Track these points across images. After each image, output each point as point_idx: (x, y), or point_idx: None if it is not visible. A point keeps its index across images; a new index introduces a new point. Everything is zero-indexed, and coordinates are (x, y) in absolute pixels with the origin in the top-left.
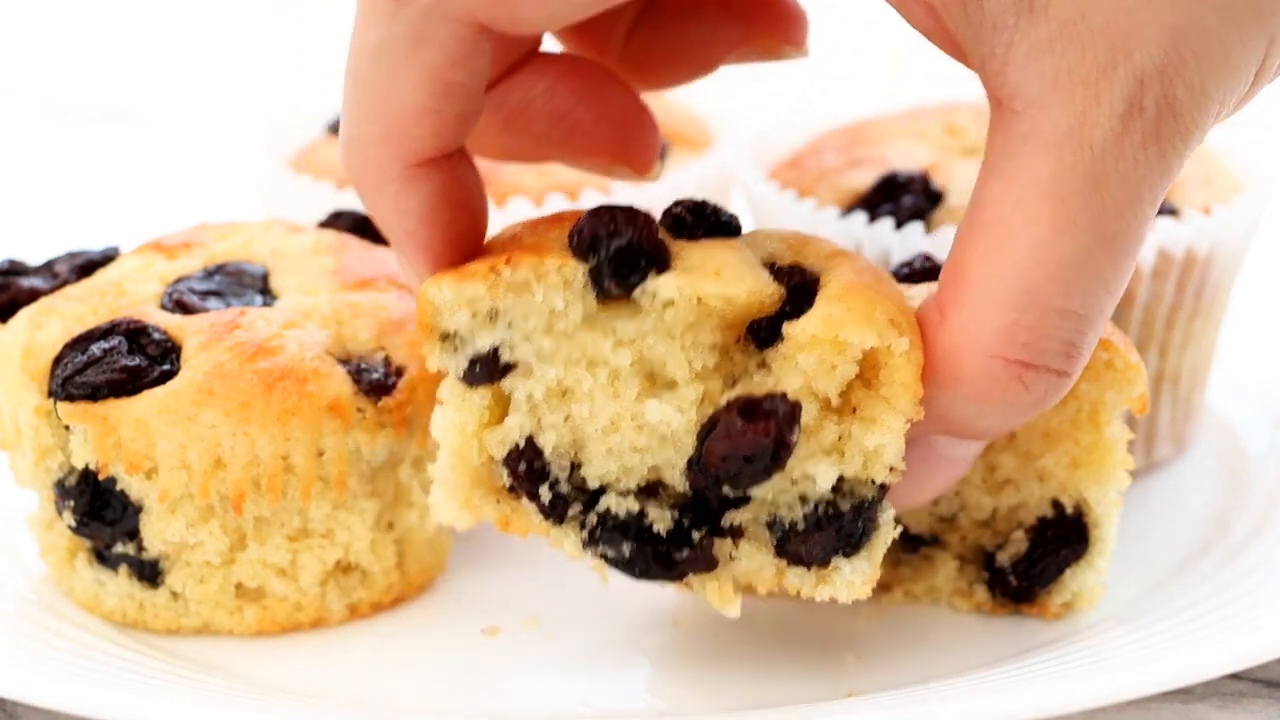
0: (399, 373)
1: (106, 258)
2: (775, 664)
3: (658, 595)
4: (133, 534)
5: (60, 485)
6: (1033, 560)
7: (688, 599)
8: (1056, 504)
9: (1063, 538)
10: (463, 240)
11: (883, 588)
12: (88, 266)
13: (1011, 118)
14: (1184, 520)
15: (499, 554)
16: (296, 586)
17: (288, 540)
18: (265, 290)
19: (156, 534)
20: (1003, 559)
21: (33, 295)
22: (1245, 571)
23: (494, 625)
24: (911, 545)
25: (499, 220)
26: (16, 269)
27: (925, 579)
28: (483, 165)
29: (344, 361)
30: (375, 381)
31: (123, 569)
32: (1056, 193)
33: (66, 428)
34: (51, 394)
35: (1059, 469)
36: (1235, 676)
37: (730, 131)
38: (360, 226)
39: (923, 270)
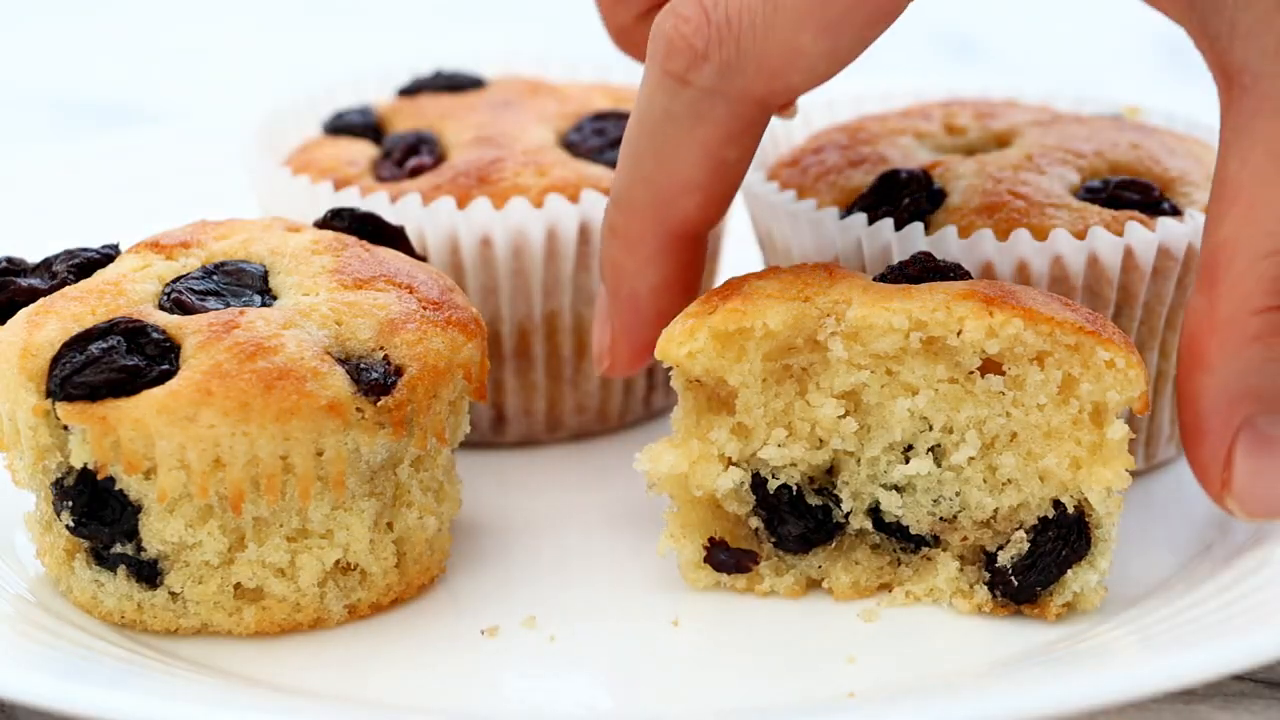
0: (398, 372)
1: (105, 256)
2: (775, 664)
3: (658, 595)
4: (131, 534)
5: (58, 485)
6: (1034, 560)
7: (688, 599)
8: (1058, 504)
9: (1064, 538)
10: (671, 314)
11: (883, 588)
12: (86, 265)
13: (1240, 94)
14: (1185, 520)
15: (498, 554)
16: (295, 587)
17: (287, 540)
18: (264, 290)
19: (155, 534)
20: (1004, 559)
21: (31, 294)
22: (1246, 572)
23: (494, 625)
24: (912, 546)
25: (497, 222)
26: (14, 268)
27: (926, 579)
28: (481, 165)
29: (343, 361)
30: (374, 381)
31: (121, 569)
32: None
33: (65, 428)
34: (50, 394)
35: (1060, 469)
36: (1237, 677)
37: None
38: (359, 225)
39: (920, 270)
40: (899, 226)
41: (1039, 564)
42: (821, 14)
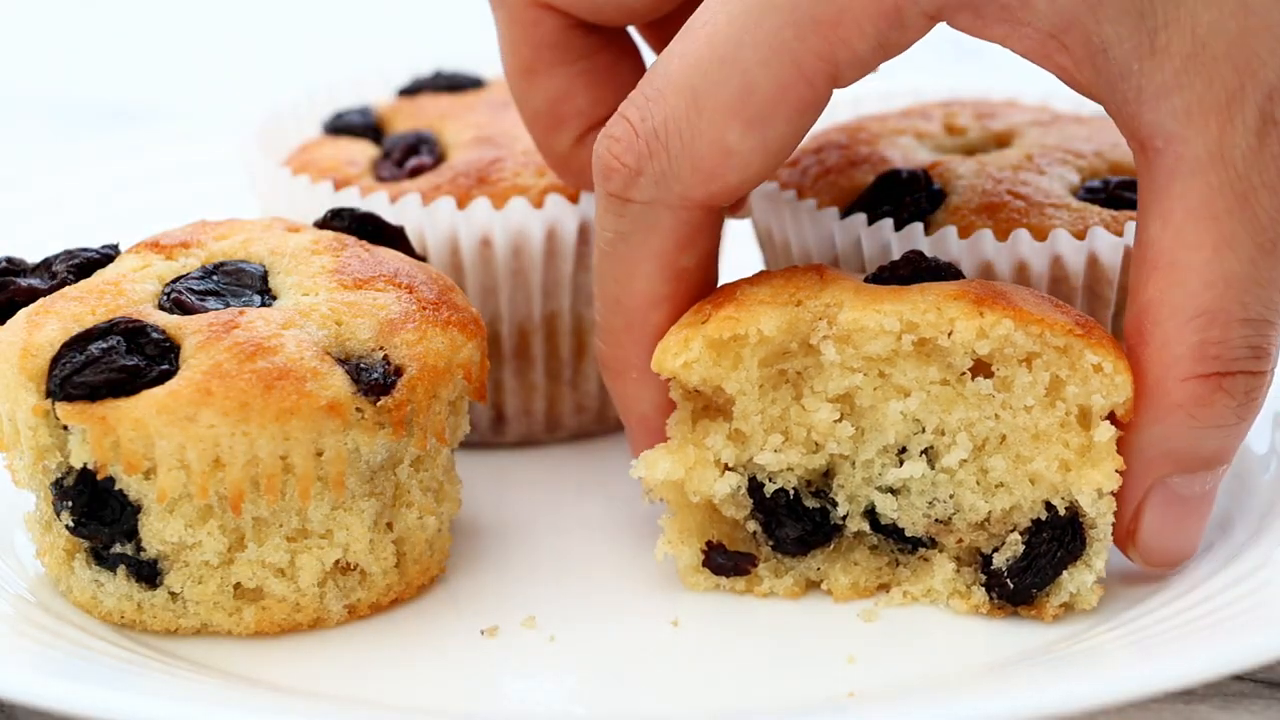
0: (398, 372)
1: (105, 256)
2: (775, 664)
3: (658, 595)
4: (131, 534)
5: (58, 485)
6: (1029, 562)
7: (688, 599)
8: (1050, 506)
9: (1058, 539)
10: None
11: (881, 588)
12: (86, 265)
13: (1155, 157)
14: None
15: (498, 554)
16: (295, 587)
17: (286, 540)
18: (264, 290)
19: (155, 534)
20: (999, 561)
21: (30, 294)
22: (1247, 571)
23: (493, 625)
24: (909, 547)
25: (497, 222)
26: (14, 268)
27: (923, 580)
28: (481, 165)
29: (343, 361)
30: (374, 381)
31: (121, 569)
32: (1209, 215)
33: (64, 428)
34: (49, 394)
35: (1049, 472)
36: (1237, 677)
37: None
38: (359, 225)
39: (911, 270)
40: (899, 226)
41: (1034, 566)
42: (744, 111)
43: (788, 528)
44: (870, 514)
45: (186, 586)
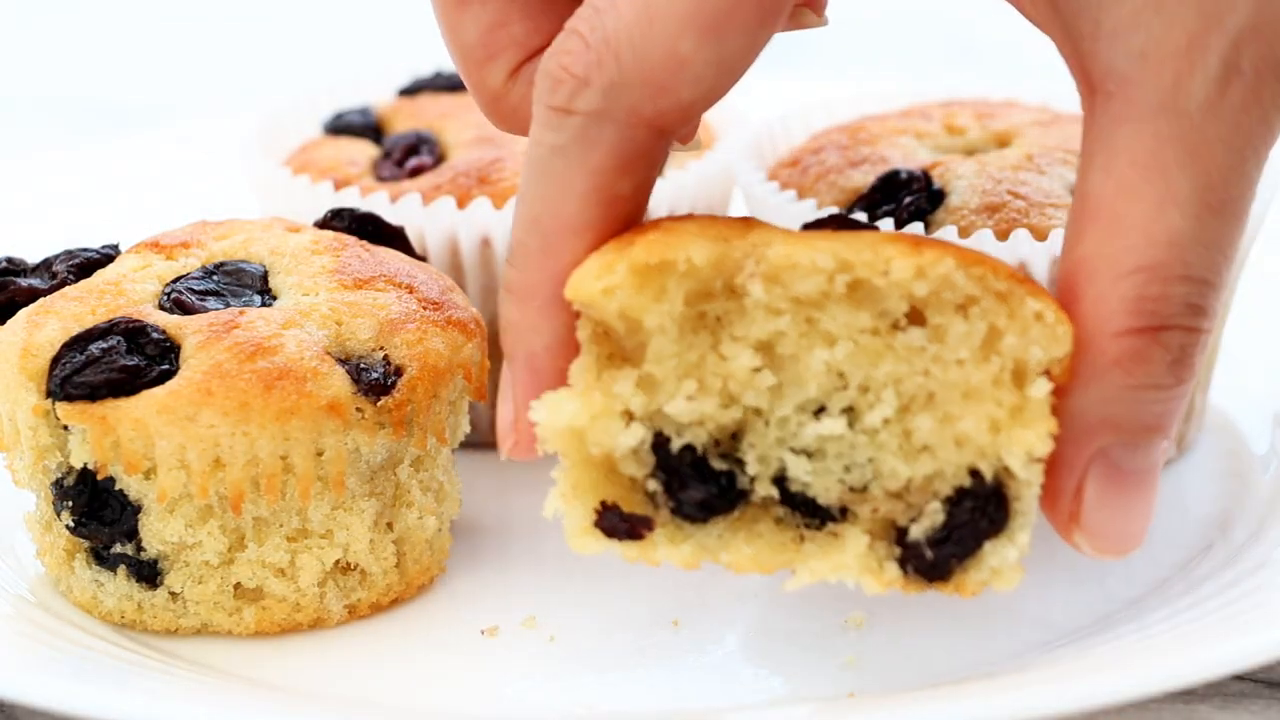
0: (398, 372)
1: (105, 256)
2: (775, 664)
3: (658, 596)
4: (131, 534)
5: (58, 485)
6: (949, 533)
7: (688, 599)
8: (975, 474)
9: (981, 509)
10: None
11: (784, 565)
12: (86, 266)
13: (1105, 100)
14: (1185, 520)
15: (498, 554)
16: (295, 587)
17: (287, 540)
18: (264, 290)
19: (155, 534)
20: (916, 533)
21: (31, 294)
22: (1247, 571)
23: (493, 625)
24: (818, 521)
25: (498, 222)
26: (14, 268)
27: (832, 556)
28: (482, 163)
29: (343, 361)
30: (374, 381)
31: (121, 569)
32: (1157, 167)
33: (65, 428)
34: (50, 394)
35: (978, 432)
36: (1237, 677)
37: (730, 131)
38: (359, 226)
39: (838, 227)
40: (899, 226)
41: (954, 536)
42: (698, 18)
43: (691, 490)
44: (780, 482)
45: (187, 586)
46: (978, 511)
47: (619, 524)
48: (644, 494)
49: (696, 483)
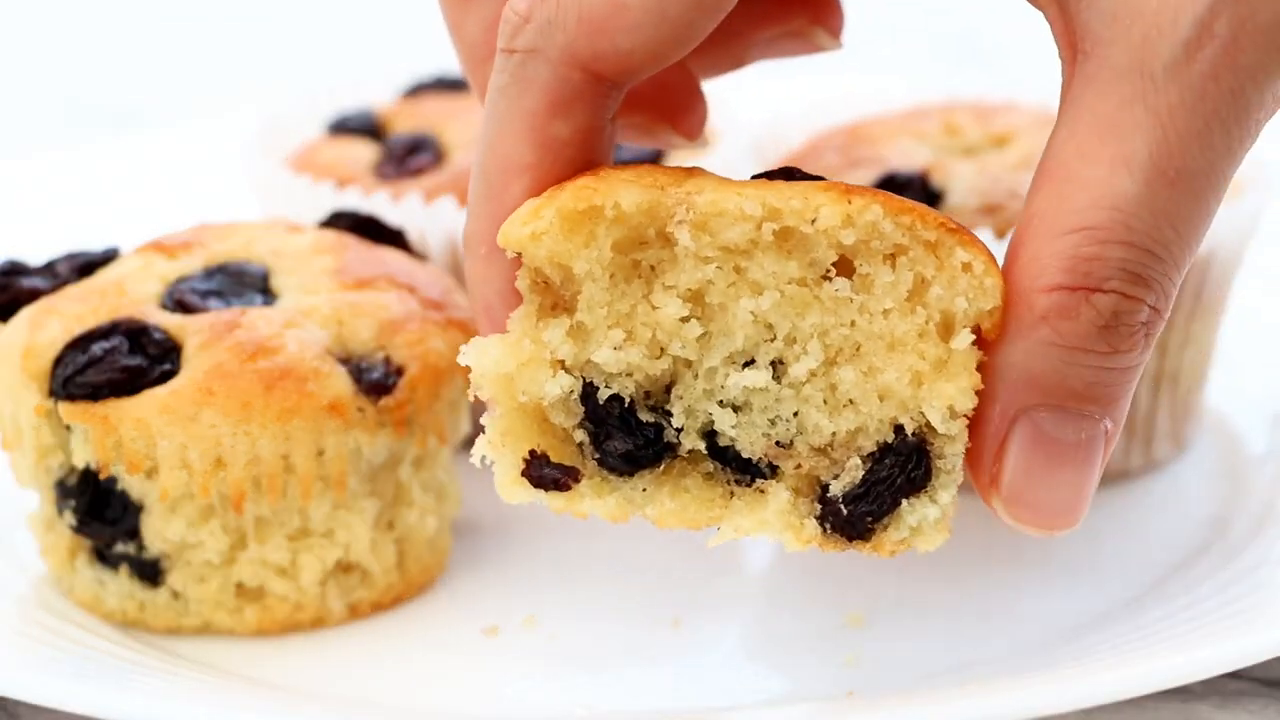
0: (399, 372)
1: (107, 258)
2: (775, 664)
3: (658, 595)
4: (133, 534)
5: (61, 485)
6: (866, 489)
7: (688, 599)
8: (899, 430)
9: (900, 466)
10: None
11: (711, 522)
12: (88, 267)
13: (1082, 61)
14: (1183, 519)
15: (499, 554)
16: (297, 586)
17: (288, 540)
18: (266, 290)
19: (157, 534)
20: (836, 489)
21: (33, 295)
22: (1244, 571)
23: (494, 625)
24: (746, 477)
25: None
26: (17, 269)
27: (756, 512)
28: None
29: (344, 361)
30: (375, 381)
31: (123, 568)
32: (1115, 129)
33: (67, 427)
34: (52, 394)
35: (900, 385)
36: (1235, 675)
37: (730, 131)
38: (361, 226)
39: (786, 178)
40: None
41: (872, 493)
42: None
43: (616, 440)
44: (709, 436)
45: (188, 586)
46: (897, 468)
47: (546, 474)
48: (573, 445)
49: (622, 434)
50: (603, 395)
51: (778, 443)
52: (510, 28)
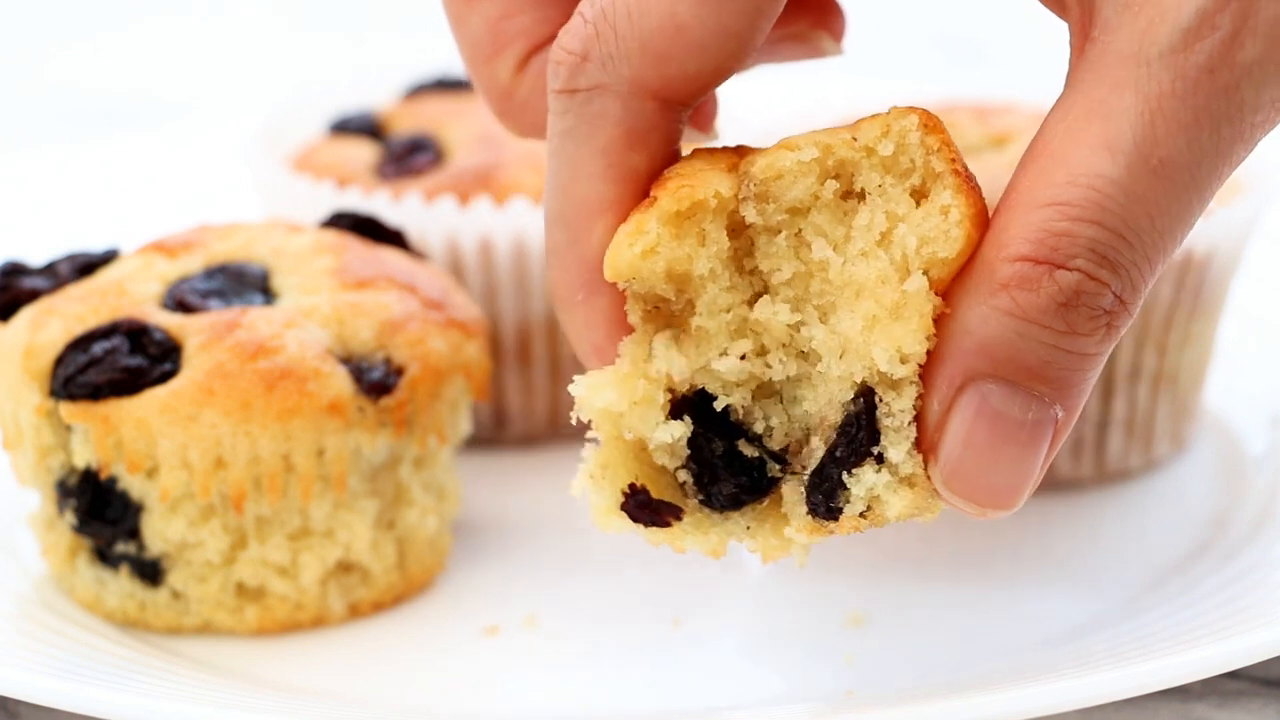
0: (399, 372)
1: (107, 258)
2: (775, 664)
3: (658, 595)
4: (134, 533)
5: (62, 485)
6: (820, 468)
7: (688, 599)
8: (861, 393)
9: (846, 436)
10: None
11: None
12: (88, 267)
13: (1089, 46)
14: (1182, 519)
15: (499, 553)
16: (297, 586)
17: (288, 539)
18: (266, 290)
19: (157, 533)
20: (806, 475)
21: (34, 295)
22: (1243, 570)
23: (494, 625)
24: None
25: (499, 222)
26: (17, 269)
27: (775, 512)
28: (483, 163)
29: (345, 361)
30: (376, 381)
31: (124, 568)
32: (1103, 111)
33: (68, 427)
34: (53, 394)
35: (856, 333)
36: (1233, 675)
37: (731, 132)
38: (361, 226)
39: None
40: None
41: (823, 472)
42: None
43: (723, 483)
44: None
45: (189, 585)
46: (843, 439)
47: (647, 510)
48: (674, 482)
49: (728, 476)
50: (720, 404)
51: (800, 428)
52: (567, 69)
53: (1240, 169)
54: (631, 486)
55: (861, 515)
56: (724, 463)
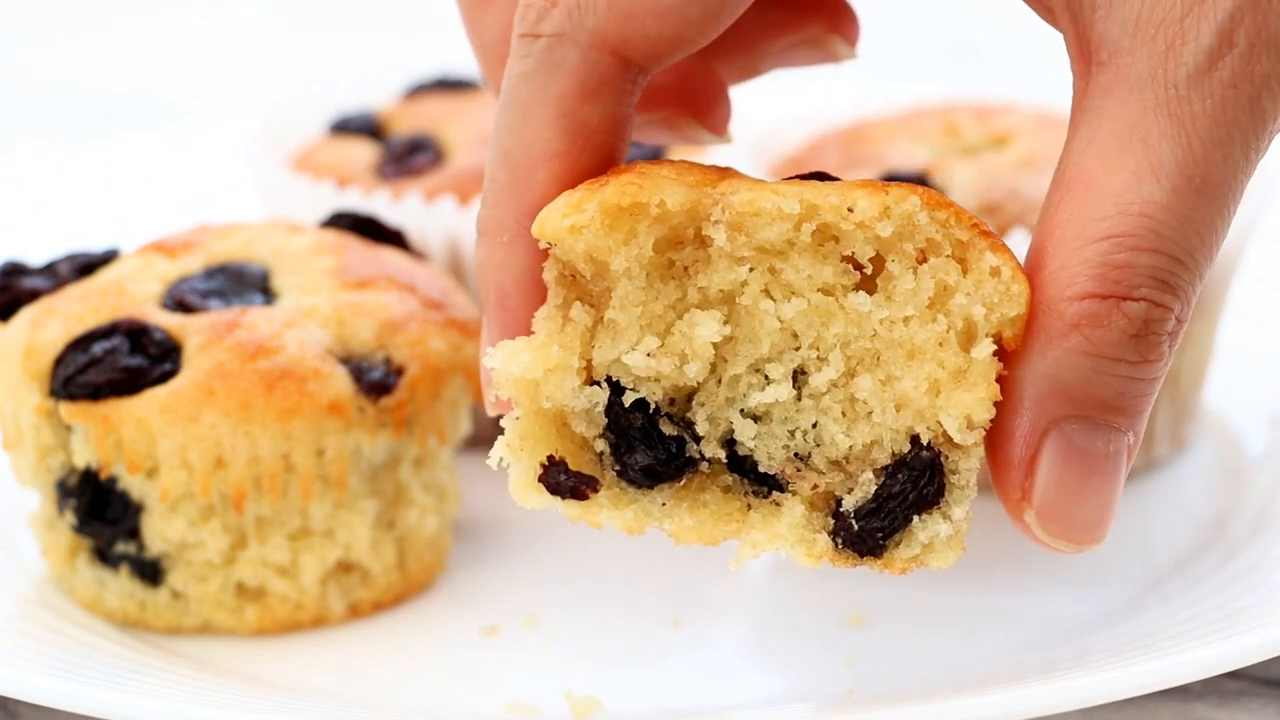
0: (399, 372)
1: (107, 258)
2: (774, 664)
3: (658, 595)
4: (134, 533)
5: (62, 485)
6: (879, 504)
7: (688, 599)
8: (914, 442)
9: (913, 481)
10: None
11: (727, 536)
12: (88, 267)
13: (1098, 71)
14: (1182, 519)
15: (499, 553)
16: (297, 585)
17: (288, 539)
18: (266, 290)
19: (157, 533)
20: (849, 503)
21: (34, 295)
22: (1243, 570)
23: (494, 625)
24: (764, 489)
25: None
26: (17, 269)
27: (771, 526)
28: (480, 164)
29: (344, 361)
30: (376, 381)
31: (124, 568)
32: (1139, 136)
33: (68, 427)
34: (53, 394)
35: (918, 394)
36: (1234, 675)
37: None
38: (361, 226)
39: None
40: None
41: (884, 508)
42: None
43: (638, 453)
44: (728, 444)
45: (189, 585)
46: (909, 483)
47: (564, 481)
48: (592, 454)
49: (644, 447)
50: (629, 399)
51: (796, 455)
52: (534, 12)
53: None
54: (550, 458)
55: (911, 558)
56: (641, 434)
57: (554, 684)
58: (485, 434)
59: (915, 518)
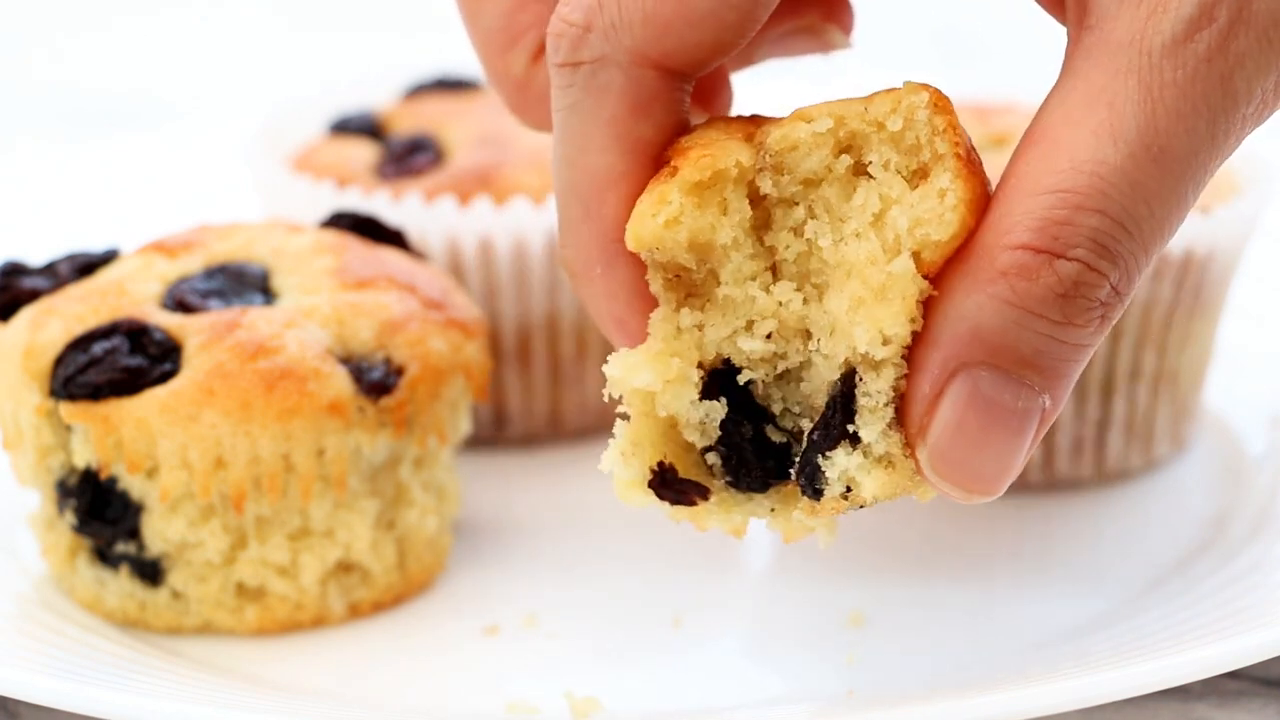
0: (399, 372)
1: (107, 258)
2: (775, 663)
3: (658, 595)
4: (134, 533)
5: (61, 485)
6: (803, 453)
7: (688, 599)
8: (845, 374)
9: (823, 420)
10: None
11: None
12: (88, 267)
13: (1085, 34)
14: (1182, 519)
15: (499, 553)
16: (297, 586)
17: (288, 539)
18: (266, 290)
19: (157, 533)
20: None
21: (33, 295)
22: (1243, 570)
23: (494, 625)
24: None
25: (499, 222)
26: (17, 269)
27: (798, 494)
28: (483, 163)
29: (345, 361)
30: (376, 381)
31: (124, 568)
32: (1106, 99)
33: (68, 427)
34: (53, 394)
35: (842, 314)
36: (1234, 675)
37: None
38: (361, 226)
39: None
40: None
41: (806, 453)
42: None
43: (752, 467)
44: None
45: (189, 585)
46: (821, 421)
47: (673, 488)
48: (700, 459)
49: (757, 461)
50: (744, 377)
51: (800, 413)
52: (568, 41)
53: (1241, 169)
54: (660, 464)
55: (843, 497)
56: (753, 446)
57: (554, 684)
58: (485, 434)
59: (819, 457)
